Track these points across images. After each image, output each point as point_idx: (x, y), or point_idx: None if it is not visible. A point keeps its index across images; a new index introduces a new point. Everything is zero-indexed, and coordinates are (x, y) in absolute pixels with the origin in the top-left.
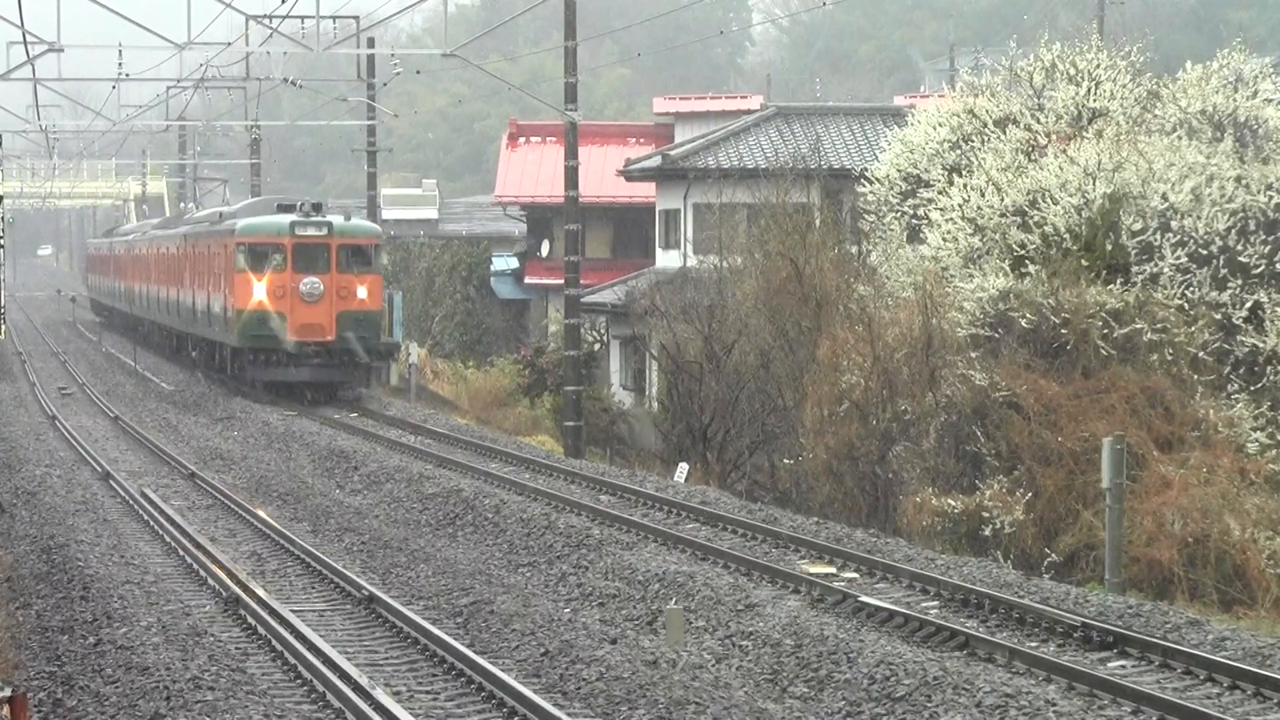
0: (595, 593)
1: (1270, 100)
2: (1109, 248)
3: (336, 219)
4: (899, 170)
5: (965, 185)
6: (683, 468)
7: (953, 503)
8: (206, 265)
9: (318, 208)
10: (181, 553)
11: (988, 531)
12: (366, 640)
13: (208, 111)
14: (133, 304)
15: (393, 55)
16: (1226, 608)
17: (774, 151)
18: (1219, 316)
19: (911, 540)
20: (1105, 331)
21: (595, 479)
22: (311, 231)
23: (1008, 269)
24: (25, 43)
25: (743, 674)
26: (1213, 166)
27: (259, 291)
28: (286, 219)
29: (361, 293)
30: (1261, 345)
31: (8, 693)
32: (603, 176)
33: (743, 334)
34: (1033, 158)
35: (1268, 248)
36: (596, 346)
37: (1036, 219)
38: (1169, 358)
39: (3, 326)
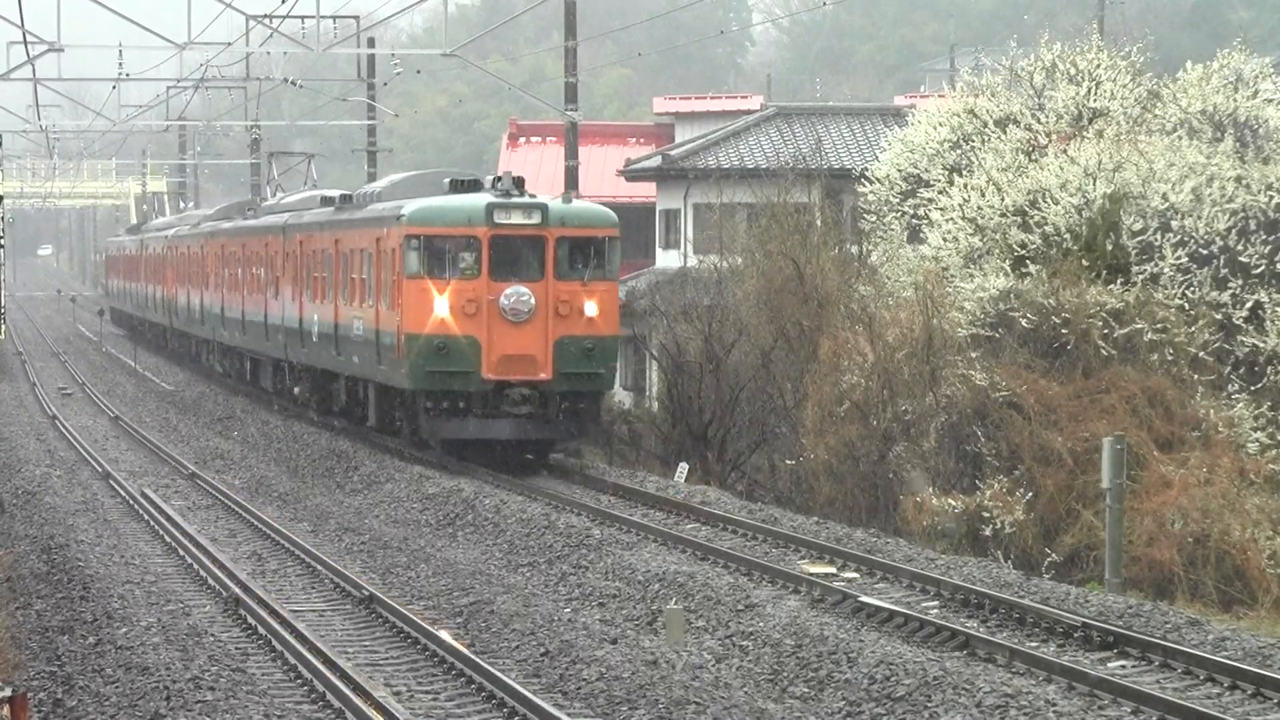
0: (595, 593)
1: (1270, 100)
2: (1109, 248)
3: (552, 200)
4: (899, 170)
5: (966, 185)
6: (683, 468)
7: (953, 503)
8: (337, 269)
9: (520, 184)
10: (181, 553)
11: (988, 531)
12: (366, 640)
13: (208, 111)
14: (175, 316)
15: (393, 55)
16: (1226, 608)
17: (774, 151)
18: (1219, 316)
19: (912, 540)
20: (1105, 331)
21: (595, 479)
22: (518, 219)
23: (1008, 269)
24: (25, 42)
25: (743, 674)
26: (1213, 166)
27: (440, 307)
28: (481, 200)
29: (590, 308)
30: (1262, 345)
31: (8, 693)
32: (603, 176)
33: (743, 334)
34: (1033, 158)
35: (1268, 248)
36: None
37: (1037, 219)
38: (1169, 358)
39: (2, 326)
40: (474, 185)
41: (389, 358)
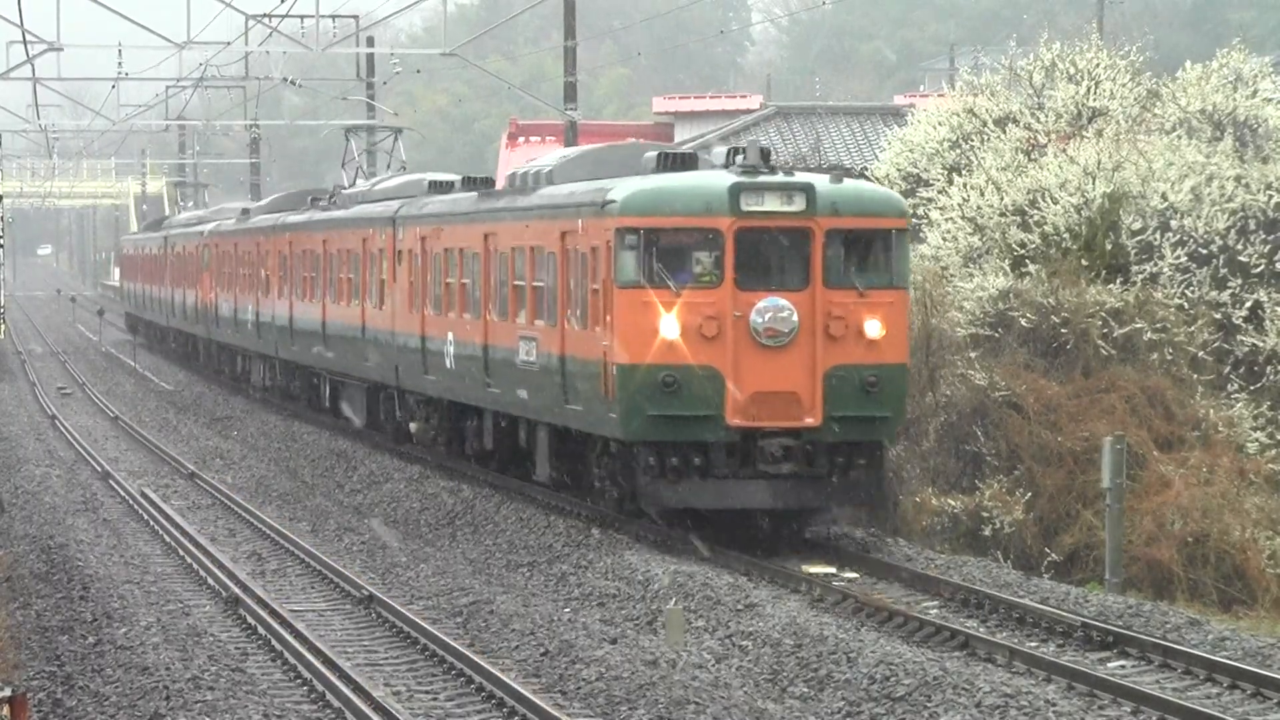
0: (595, 593)
1: (1270, 100)
2: (1109, 247)
3: (816, 178)
4: (899, 169)
5: (965, 184)
6: None
7: (953, 503)
8: (488, 273)
9: (767, 155)
10: (181, 553)
11: (988, 531)
12: (366, 640)
13: (207, 111)
14: (214, 326)
15: (392, 55)
16: (1226, 608)
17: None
18: (1219, 316)
19: (911, 540)
20: (1105, 331)
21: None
22: (775, 203)
23: (1007, 268)
24: (25, 42)
25: (742, 674)
26: (1212, 166)
27: (668, 327)
28: (721, 180)
29: (872, 327)
30: (1261, 345)
31: (8, 693)
32: None
33: None
34: (1032, 157)
35: (1267, 247)
36: None
37: (1036, 218)
38: (1169, 357)
39: (2, 326)
40: (689, 160)
41: (586, 394)
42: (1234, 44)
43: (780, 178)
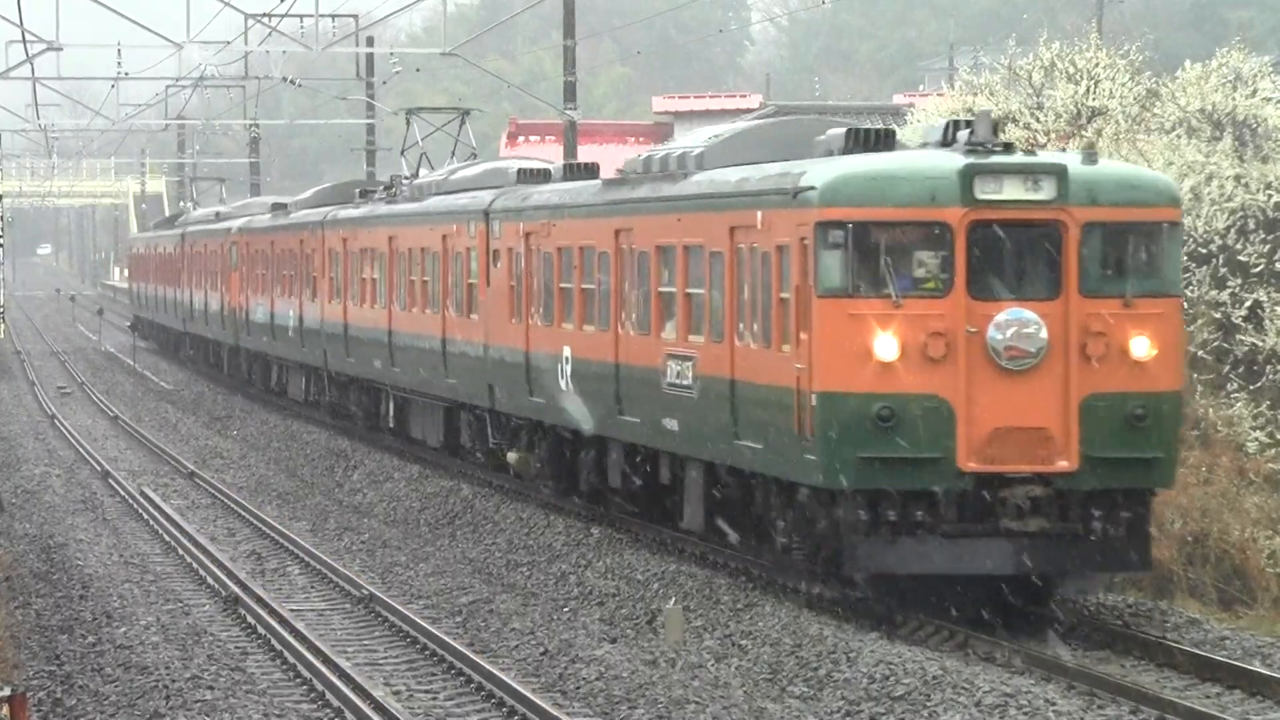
0: (595, 592)
1: (1270, 99)
2: None
3: (1066, 158)
4: None
5: None
6: None
7: None
8: (618, 275)
9: (997, 130)
10: (181, 552)
11: None
12: (365, 639)
13: (207, 110)
14: (244, 332)
15: (392, 54)
16: (1226, 607)
17: None
18: (1218, 315)
19: None
20: None
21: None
22: (1016, 190)
23: None
24: (24, 41)
25: (742, 673)
26: (1212, 165)
27: (885, 347)
28: (949, 161)
29: (1140, 346)
30: (1261, 344)
31: (7, 692)
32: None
33: None
34: None
35: (1267, 246)
36: None
37: None
38: None
39: (2, 325)
40: (888, 138)
41: (766, 428)
42: (1233, 43)
43: (1021, 158)
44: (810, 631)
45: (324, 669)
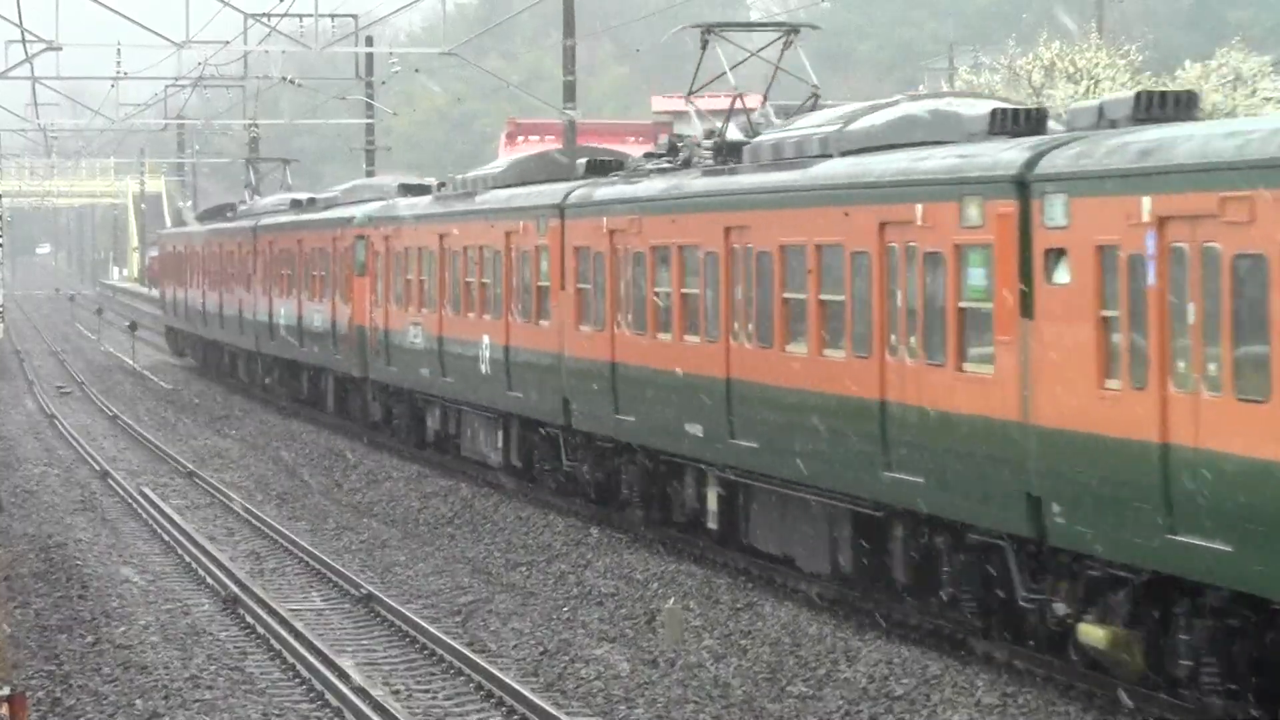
0: (594, 592)
1: (1269, 99)
2: None
3: None
4: None
5: None
6: None
7: None
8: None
9: None
10: (180, 551)
11: None
12: (365, 639)
13: (206, 110)
14: (381, 363)
15: (391, 54)
16: None
17: None
18: None
19: None
20: None
21: None
22: None
23: None
24: (24, 41)
25: (741, 673)
26: None
27: None
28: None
29: None
30: None
31: (6, 692)
32: None
33: None
34: None
35: None
36: None
37: None
38: None
39: (1, 325)
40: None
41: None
42: (1233, 43)
43: None
44: (810, 631)
45: (323, 669)
